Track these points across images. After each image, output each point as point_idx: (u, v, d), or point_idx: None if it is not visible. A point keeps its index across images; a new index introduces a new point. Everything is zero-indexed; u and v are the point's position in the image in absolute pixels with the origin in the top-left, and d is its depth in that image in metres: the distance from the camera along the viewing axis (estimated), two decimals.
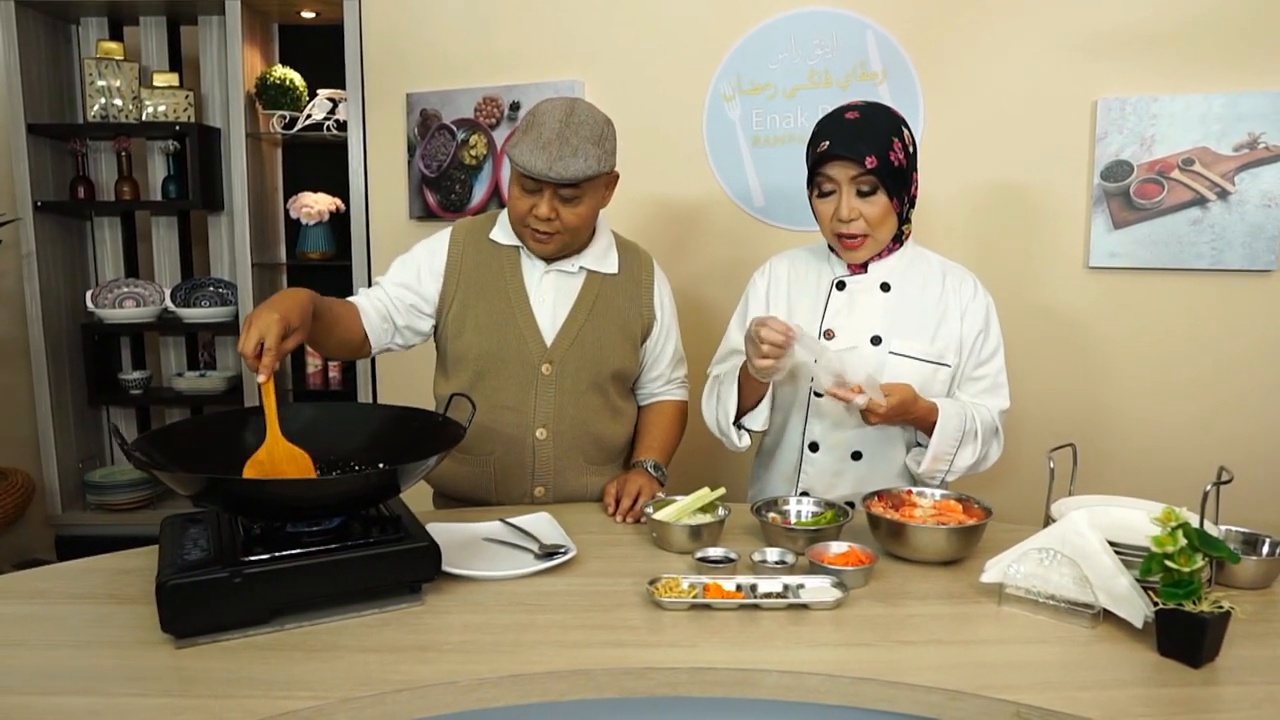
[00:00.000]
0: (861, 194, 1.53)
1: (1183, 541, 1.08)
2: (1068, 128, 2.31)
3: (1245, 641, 1.15)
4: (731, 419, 1.66)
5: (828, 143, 1.53)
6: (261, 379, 1.32)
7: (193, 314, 3.31)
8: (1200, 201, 2.20)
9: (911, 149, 1.56)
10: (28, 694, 1.01)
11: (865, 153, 1.50)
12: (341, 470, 1.40)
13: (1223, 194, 2.18)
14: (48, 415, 3.23)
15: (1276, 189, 2.14)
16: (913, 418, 1.54)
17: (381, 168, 3.10)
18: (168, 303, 3.33)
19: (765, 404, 1.66)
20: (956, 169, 2.42)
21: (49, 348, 3.21)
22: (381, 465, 1.41)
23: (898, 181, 1.53)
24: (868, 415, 1.48)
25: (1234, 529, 1.39)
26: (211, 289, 3.38)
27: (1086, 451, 2.34)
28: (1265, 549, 1.35)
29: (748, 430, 1.70)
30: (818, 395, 1.64)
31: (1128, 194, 2.26)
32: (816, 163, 1.57)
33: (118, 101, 3.21)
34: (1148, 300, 2.29)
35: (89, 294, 3.30)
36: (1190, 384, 2.28)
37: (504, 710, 1.09)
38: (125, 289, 3.33)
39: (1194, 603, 1.08)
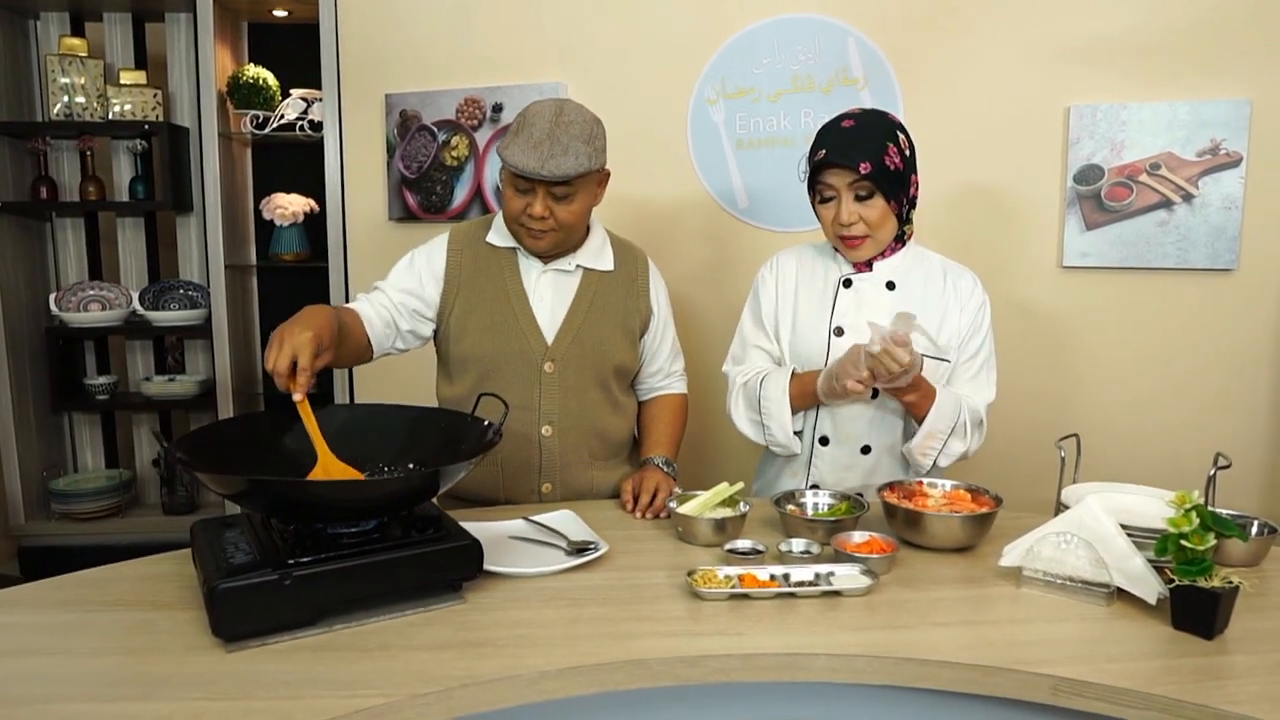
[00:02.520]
0: (860, 198, 1.60)
1: (1196, 522, 1.15)
2: (1042, 133, 2.41)
3: (1247, 615, 1.23)
4: (790, 431, 1.70)
5: (825, 151, 1.60)
6: (298, 398, 1.32)
7: (162, 317, 3.24)
8: (1166, 204, 2.32)
9: (908, 153, 1.63)
10: (89, 701, 1.00)
11: (860, 159, 1.56)
12: (371, 472, 1.40)
13: (1187, 197, 2.31)
14: (9, 422, 3.13)
15: (1237, 192, 2.27)
16: (914, 396, 1.59)
17: (359, 169, 3.07)
18: (136, 305, 3.25)
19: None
20: (935, 172, 2.49)
21: (10, 352, 3.11)
22: (411, 466, 1.42)
23: (894, 184, 1.59)
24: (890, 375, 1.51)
25: (1225, 512, 1.48)
26: (181, 291, 3.31)
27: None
28: (1254, 530, 1.45)
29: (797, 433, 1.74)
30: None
31: (1099, 197, 2.37)
32: (815, 170, 1.63)
33: (81, 99, 3.12)
34: (1118, 298, 2.41)
35: (53, 297, 3.20)
36: (1157, 377, 2.40)
37: (590, 707, 1.13)
38: (90, 292, 3.24)
39: (1206, 579, 1.16)
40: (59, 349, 3.26)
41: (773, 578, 1.31)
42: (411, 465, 1.43)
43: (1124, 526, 1.30)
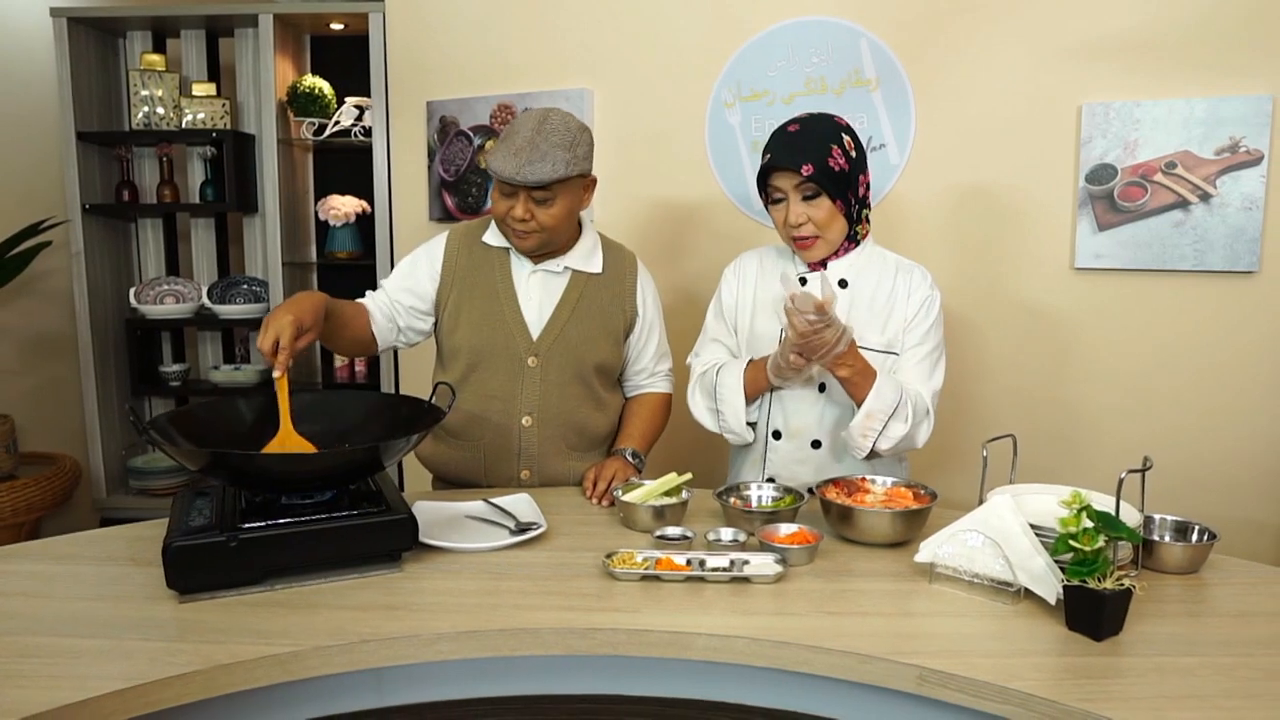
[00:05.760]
0: (806, 199, 1.64)
1: (1086, 523, 1.16)
2: (1053, 132, 2.37)
3: (1154, 619, 1.23)
4: (744, 420, 1.74)
5: (769, 155, 1.65)
6: (277, 374, 1.47)
7: (228, 310, 3.51)
8: (1183, 204, 2.25)
9: (854, 154, 1.66)
10: (49, 636, 1.16)
11: (801, 162, 1.61)
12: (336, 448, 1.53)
13: (1205, 197, 2.22)
14: (94, 405, 3.46)
15: (1257, 192, 2.17)
16: (847, 372, 1.61)
17: (404, 172, 3.25)
18: (205, 300, 3.54)
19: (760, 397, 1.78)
20: (946, 172, 2.49)
21: (95, 342, 3.43)
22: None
23: (839, 185, 1.62)
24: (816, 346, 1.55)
25: (1168, 517, 1.46)
26: (246, 287, 3.58)
27: (1069, 447, 2.42)
28: (1194, 536, 1.42)
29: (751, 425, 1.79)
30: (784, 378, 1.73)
31: (1112, 197, 2.31)
32: (763, 174, 1.68)
33: (160, 110, 3.42)
34: (1132, 301, 2.34)
35: (132, 291, 3.51)
36: (1173, 383, 2.32)
37: (508, 673, 1.25)
38: (165, 286, 3.54)
39: (1098, 580, 1.16)
40: (138, 339, 3.57)
41: (688, 562, 1.38)
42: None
43: (1037, 528, 1.31)
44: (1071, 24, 2.32)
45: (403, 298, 1.88)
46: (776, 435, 1.77)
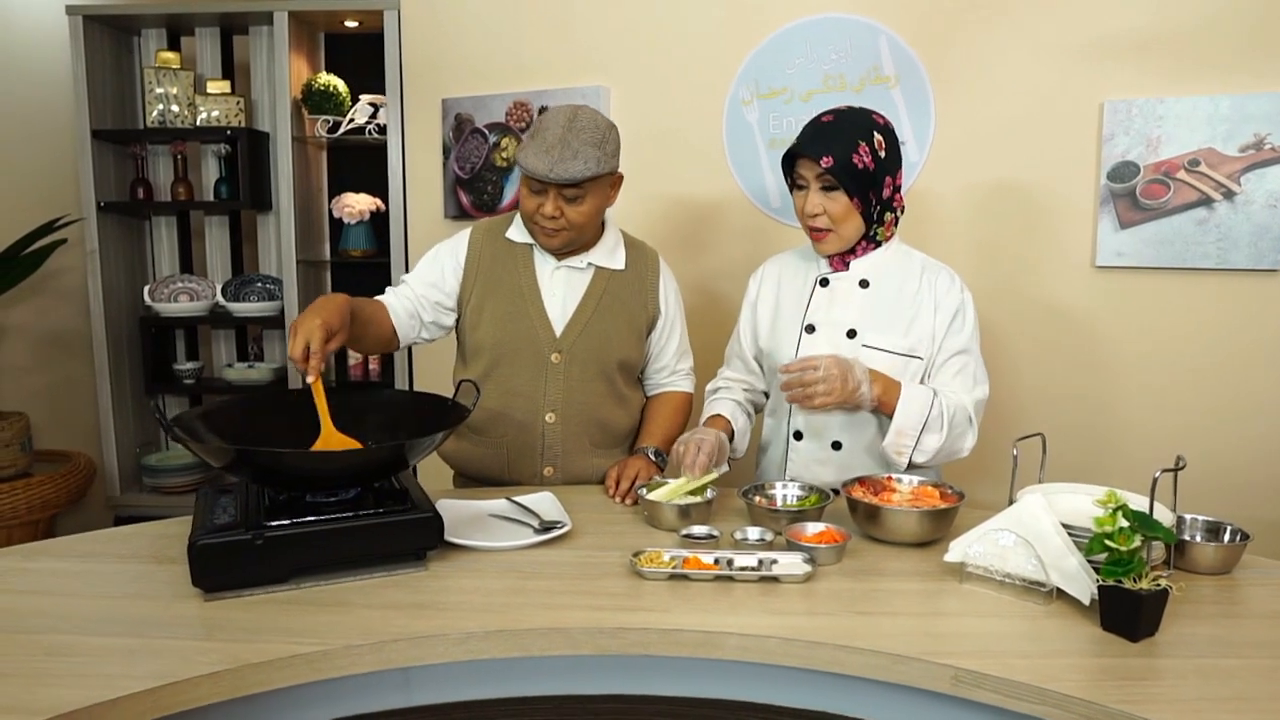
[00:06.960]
0: (824, 190, 1.64)
1: (1122, 523, 1.15)
2: (1075, 129, 2.35)
3: (1191, 620, 1.21)
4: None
5: (798, 141, 1.65)
6: (311, 379, 1.46)
7: (242, 308, 3.51)
8: (1206, 202, 2.23)
9: (884, 154, 1.64)
10: (76, 635, 1.15)
11: (823, 153, 1.60)
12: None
13: (1229, 194, 2.20)
14: (108, 402, 3.46)
15: None
16: (865, 387, 1.59)
17: (418, 169, 3.25)
18: (219, 298, 3.54)
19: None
20: (966, 169, 2.48)
21: (109, 339, 3.43)
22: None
23: (860, 182, 1.61)
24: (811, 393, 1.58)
25: (1199, 517, 1.45)
26: (260, 285, 3.57)
27: (1091, 447, 2.41)
28: (1226, 536, 1.41)
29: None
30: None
31: (1134, 194, 2.30)
32: (788, 159, 1.68)
33: (174, 108, 3.42)
34: (1154, 299, 2.32)
35: (146, 289, 3.51)
36: (1195, 382, 2.30)
37: (535, 672, 1.24)
38: (180, 284, 3.54)
39: (1133, 580, 1.15)
40: (152, 336, 3.57)
41: (716, 561, 1.37)
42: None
43: (1069, 526, 1.30)
44: (1093, 20, 2.30)
45: (428, 293, 1.87)
46: (798, 436, 1.75)
